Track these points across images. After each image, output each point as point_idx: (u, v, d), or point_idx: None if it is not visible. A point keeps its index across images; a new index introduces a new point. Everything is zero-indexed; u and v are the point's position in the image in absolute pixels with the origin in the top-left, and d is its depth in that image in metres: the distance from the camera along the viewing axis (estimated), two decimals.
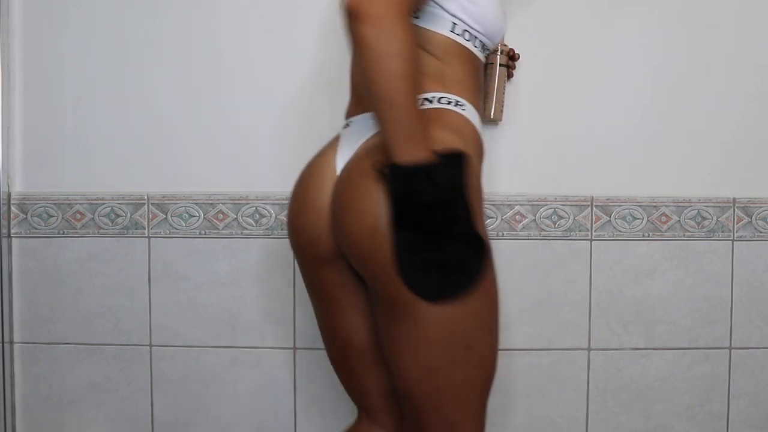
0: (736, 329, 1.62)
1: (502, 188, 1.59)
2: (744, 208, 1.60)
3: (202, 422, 1.63)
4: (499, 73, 1.48)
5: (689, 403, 1.63)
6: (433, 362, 0.99)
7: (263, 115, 1.58)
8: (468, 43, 1.08)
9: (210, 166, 1.59)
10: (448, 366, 0.99)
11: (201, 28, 1.58)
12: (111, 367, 1.62)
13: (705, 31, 1.59)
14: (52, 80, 1.60)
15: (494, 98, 1.49)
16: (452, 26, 1.06)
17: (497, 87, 1.49)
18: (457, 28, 1.06)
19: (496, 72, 1.48)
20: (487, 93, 1.50)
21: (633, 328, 1.62)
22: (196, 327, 1.61)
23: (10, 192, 1.60)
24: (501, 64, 1.48)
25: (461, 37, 1.07)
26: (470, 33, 1.08)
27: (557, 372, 1.62)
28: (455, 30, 1.06)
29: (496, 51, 1.48)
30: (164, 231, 1.60)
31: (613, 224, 1.60)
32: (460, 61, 1.08)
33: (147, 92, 1.59)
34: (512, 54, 1.50)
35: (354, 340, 1.14)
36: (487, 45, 1.12)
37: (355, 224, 1.00)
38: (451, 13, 1.05)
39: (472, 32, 1.08)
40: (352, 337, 1.14)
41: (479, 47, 1.10)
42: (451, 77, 1.07)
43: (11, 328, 1.62)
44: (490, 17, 1.08)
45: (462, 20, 1.06)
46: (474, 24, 1.07)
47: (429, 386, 1.00)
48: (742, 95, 1.60)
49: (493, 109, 1.50)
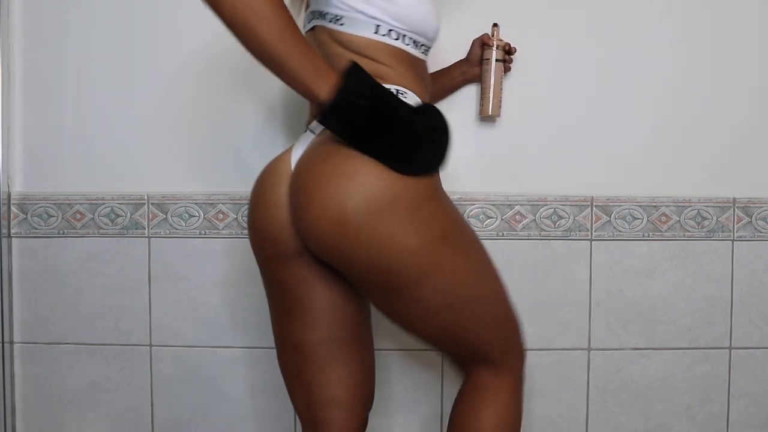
0: (736, 329, 1.62)
1: (502, 188, 1.59)
2: (744, 208, 1.60)
3: (202, 422, 1.63)
4: (495, 68, 1.48)
5: (689, 403, 1.63)
6: (446, 322, 1.06)
7: (263, 114, 1.58)
8: (397, 42, 1.08)
9: (210, 166, 1.60)
10: (463, 317, 1.07)
11: (201, 28, 1.58)
12: (111, 367, 1.62)
13: (705, 31, 1.59)
14: (52, 80, 1.60)
15: (491, 94, 1.49)
16: (376, 28, 1.07)
17: (494, 83, 1.48)
18: (381, 29, 1.07)
19: (492, 68, 1.48)
20: (483, 89, 1.50)
21: (633, 328, 1.62)
22: (196, 327, 1.61)
23: (10, 192, 1.60)
24: (497, 60, 1.48)
25: (388, 37, 1.07)
26: (396, 32, 1.08)
27: (557, 372, 1.62)
28: (379, 31, 1.07)
29: (491, 47, 1.48)
30: (164, 231, 1.60)
31: (613, 224, 1.60)
32: (396, 60, 1.09)
33: (147, 92, 1.59)
34: (508, 48, 1.50)
35: (305, 340, 1.13)
36: (419, 41, 1.11)
37: (319, 216, 0.99)
38: (370, 16, 1.06)
39: (399, 31, 1.08)
40: (303, 337, 1.13)
41: (411, 44, 1.10)
42: (390, 74, 1.08)
43: (11, 328, 1.62)
44: (415, 14, 1.08)
45: (384, 21, 1.06)
46: (397, 23, 1.07)
47: (454, 335, 1.09)
48: (743, 95, 1.60)
49: (491, 105, 1.49)
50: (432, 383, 1.63)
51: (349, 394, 1.15)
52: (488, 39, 1.49)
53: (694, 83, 1.60)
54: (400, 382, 1.62)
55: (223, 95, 1.59)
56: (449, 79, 1.54)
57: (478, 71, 1.52)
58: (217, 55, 1.58)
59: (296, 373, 1.16)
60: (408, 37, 1.09)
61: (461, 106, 1.58)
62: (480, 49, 1.50)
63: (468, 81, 1.56)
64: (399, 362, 1.62)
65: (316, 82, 0.94)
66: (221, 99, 1.59)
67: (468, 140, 1.59)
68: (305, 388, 1.16)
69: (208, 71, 1.58)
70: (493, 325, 1.11)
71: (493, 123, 1.57)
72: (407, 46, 1.09)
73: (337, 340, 1.13)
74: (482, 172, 1.60)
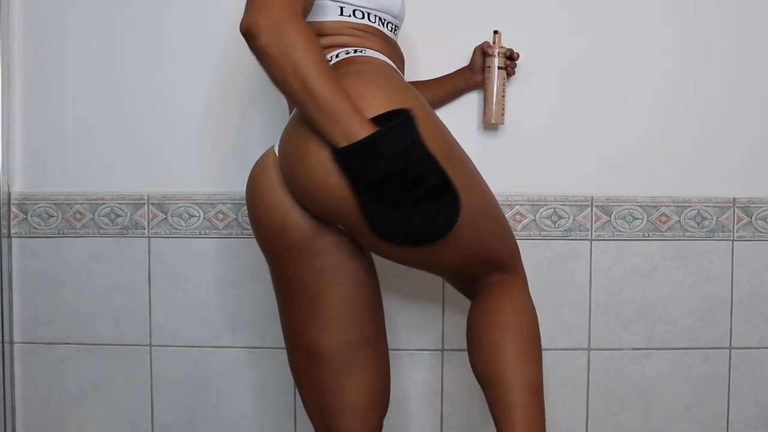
0: (736, 329, 1.62)
1: (502, 188, 1.59)
2: (744, 208, 1.60)
3: (202, 422, 1.63)
4: (497, 75, 1.48)
5: (689, 403, 1.63)
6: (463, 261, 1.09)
7: (264, 114, 1.58)
8: (363, 20, 1.11)
9: (210, 166, 1.60)
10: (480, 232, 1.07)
11: (200, 28, 1.58)
12: (111, 367, 1.62)
13: (704, 32, 1.59)
14: (52, 80, 1.60)
15: (493, 102, 1.48)
16: (340, 11, 1.10)
17: (496, 90, 1.48)
18: (345, 11, 1.10)
19: (495, 75, 1.47)
20: (486, 97, 1.50)
21: (633, 328, 1.62)
22: (196, 327, 1.61)
23: (10, 192, 1.60)
24: (499, 67, 1.47)
25: (353, 17, 1.11)
26: (362, 11, 1.11)
27: (557, 372, 1.62)
28: (344, 13, 1.10)
29: (493, 54, 1.47)
30: (164, 231, 1.60)
31: (613, 224, 1.60)
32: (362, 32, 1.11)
33: (147, 92, 1.59)
34: (511, 54, 1.49)
35: (320, 343, 1.09)
36: (385, 19, 1.14)
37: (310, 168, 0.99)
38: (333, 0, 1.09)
39: (364, 10, 1.11)
40: (317, 339, 1.09)
41: (378, 22, 1.13)
42: (345, 41, 1.10)
43: (11, 328, 1.62)
44: None
45: (348, 3, 1.10)
46: (360, 2, 1.10)
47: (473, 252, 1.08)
48: (743, 95, 1.60)
49: (493, 113, 1.49)
50: (432, 383, 1.63)
51: (366, 400, 1.11)
52: (489, 47, 1.48)
53: (693, 84, 1.60)
54: (400, 382, 1.62)
55: (224, 95, 1.59)
56: (452, 86, 1.54)
57: (480, 78, 1.52)
58: (217, 55, 1.58)
59: (310, 378, 1.12)
60: (373, 14, 1.12)
61: (462, 105, 1.58)
62: (481, 56, 1.50)
63: (471, 88, 1.56)
64: (399, 362, 1.62)
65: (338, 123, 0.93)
66: (221, 99, 1.59)
67: (468, 140, 1.59)
68: (320, 394, 1.11)
69: (208, 71, 1.58)
70: (502, 232, 1.13)
71: (496, 129, 1.58)
72: (373, 22, 1.12)
73: (354, 342, 1.09)
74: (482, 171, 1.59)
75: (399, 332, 1.61)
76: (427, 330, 1.62)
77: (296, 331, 1.12)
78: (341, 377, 1.09)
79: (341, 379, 1.09)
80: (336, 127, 0.93)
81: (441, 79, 1.53)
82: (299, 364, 1.13)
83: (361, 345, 1.10)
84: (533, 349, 1.10)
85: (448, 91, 1.54)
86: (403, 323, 1.61)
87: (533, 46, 1.56)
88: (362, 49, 1.08)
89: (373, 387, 1.12)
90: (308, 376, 1.12)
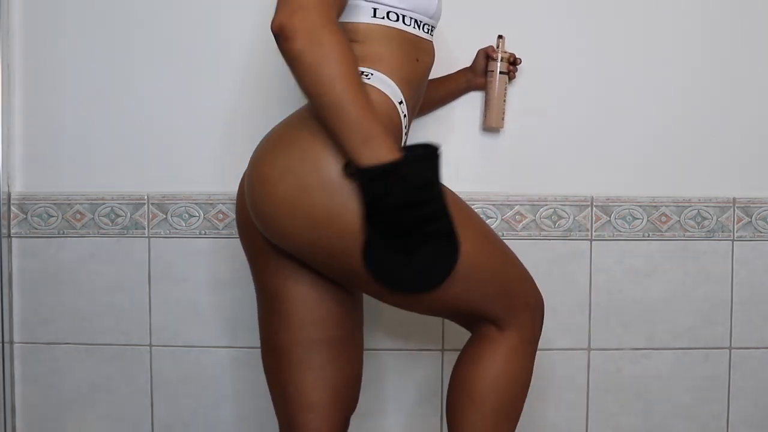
0: (736, 329, 1.62)
1: (502, 188, 1.59)
2: (744, 208, 1.60)
3: (202, 422, 1.63)
4: (498, 80, 1.48)
5: (689, 403, 1.63)
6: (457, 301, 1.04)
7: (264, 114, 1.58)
8: (396, 23, 1.07)
9: (210, 166, 1.59)
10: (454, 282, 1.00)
11: (201, 28, 1.58)
12: (111, 367, 1.62)
13: (704, 33, 1.60)
14: (52, 80, 1.60)
15: (494, 106, 1.49)
16: (373, 12, 1.06)
17: (497, 95, 1.49)
18: (378, 12, 1.06)
19: (496, 80, 1.48)
20: (487, 101, 1.51)
21: (633, 328, 1.62)
22: (196, 327, 1.61)
23: (10, 192, 1.60)
24: (501, 72, 1.48)
25: (386, 20, 1.07)
26: (396, 14, 1.07)
27: (557, 372, 1.62)
28: (377, 15, 1.06)
29: (496, 59, 1.48)
30: (164, 231, 1.60)
31: (613, 224, 1.60)
32: (382, 41, 1.07)
33: (147, 92, 1.59)
34: (513, 59, 1.50)
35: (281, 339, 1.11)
36: (421, 21, 1.11)
37: (266, 200, 0.98)
38: (368, 0, 1.06)
39: (398, 12, 1.07)
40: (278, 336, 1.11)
41: (413, 24, 1.09)
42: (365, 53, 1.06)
43: (11, 328, 1.62)
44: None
45: (382, 3, 1.06)
46: (397, 3, 1.06)
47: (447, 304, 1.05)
48: (743, 95, 1.60)
49: (494, 117, 1.50)
50: (432, 383, 1.63)
51: (326, 399, 1.11)
52: (492, 51, 1.49)
53: (693, 84, 1.60)
54: (399, 382, 1.62)
55: (224, 95, 1.59)
56: (455, 86, 1.55)
57: (482, 81, 1.52)
58: (217, 55, 1.58)
59: (273, 371, 1.14)
60: (408, 17, 1.08)
61: (462, 105, 1.58)
62: (484, 60, 1.51)
63: (473, 89, 1.56)
64: (398, 362, 1.62)
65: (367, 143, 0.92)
66: (222, 99, 1.59)
67: (468, 140, 1.59)
68: (282, 388, 1.13)
69: (208, 71, 1.58)
70: (490, 283, 1.07)
71: (496, 132, 1.58)
72: (407, 26, 1.08)
73: (314, 342, 1.10)
74: (482, 171, 1.60)
75: (399, 332, 1.61)
76: (427, 330, 1.62)
77: (261, 325, 1.15)
78: (302, 372, 1.10)
79: (302, 374, 1.10)
80: (365, 148, 0.92)
81: (443, 79, 1.53)
82: (265, 358, 1.16)
83: (326, 344, 1.10)
84: (496, 420, 1.08)
85: (451, 90, 1.55)
86: (403, 323, 1.61)
87: (534, 46, 1.56)
88: (370, 73, 1.05)
89: (334, 386, 1.12)
90: (271, 370, 1.15)
